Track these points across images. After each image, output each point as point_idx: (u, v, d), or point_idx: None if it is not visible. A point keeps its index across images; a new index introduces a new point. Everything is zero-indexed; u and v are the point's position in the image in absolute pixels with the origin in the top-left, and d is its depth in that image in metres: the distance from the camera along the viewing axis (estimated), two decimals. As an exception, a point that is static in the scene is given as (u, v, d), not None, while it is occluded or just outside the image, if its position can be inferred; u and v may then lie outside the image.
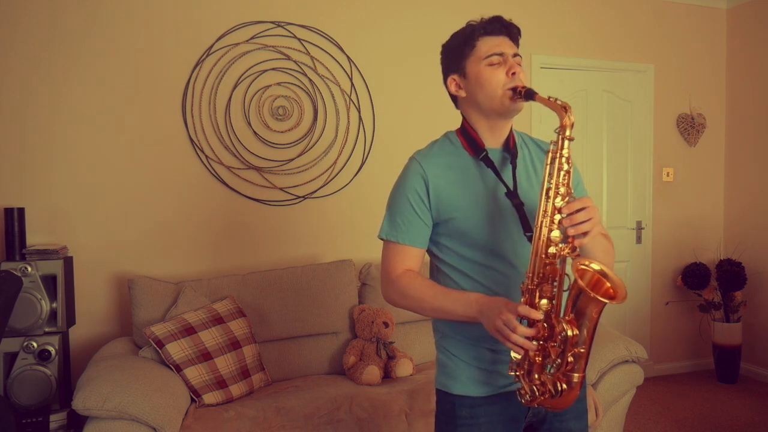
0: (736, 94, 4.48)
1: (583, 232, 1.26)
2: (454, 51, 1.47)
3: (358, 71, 3.52)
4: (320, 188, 3.47)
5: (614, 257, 1.51)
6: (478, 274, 1.43)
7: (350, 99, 3.52)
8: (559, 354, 1.28)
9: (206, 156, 3.26)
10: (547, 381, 1.30)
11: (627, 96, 4.29)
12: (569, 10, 4.07)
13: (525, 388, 1.31)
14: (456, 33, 1.49)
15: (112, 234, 3.11)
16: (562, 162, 1.31)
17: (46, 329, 2.72)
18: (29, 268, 2.69)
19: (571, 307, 1.28)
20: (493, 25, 1.44)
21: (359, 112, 3.55)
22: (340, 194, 3.52)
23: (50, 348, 2.70)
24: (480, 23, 1.45)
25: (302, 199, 3.44)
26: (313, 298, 3.01)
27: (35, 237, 2.97)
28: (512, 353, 1.32)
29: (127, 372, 2.30)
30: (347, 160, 3.53)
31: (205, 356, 2.61)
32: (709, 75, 4.50)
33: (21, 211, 2.83)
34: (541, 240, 1.30)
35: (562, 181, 1.30)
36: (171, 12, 3.19)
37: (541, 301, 1.29)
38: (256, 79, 3.32)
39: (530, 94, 1.38)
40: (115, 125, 3.11)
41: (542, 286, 1.30)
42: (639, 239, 4.34)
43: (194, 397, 2.53)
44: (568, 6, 4.07)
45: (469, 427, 1.44)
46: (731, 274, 4.13)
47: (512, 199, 1.41)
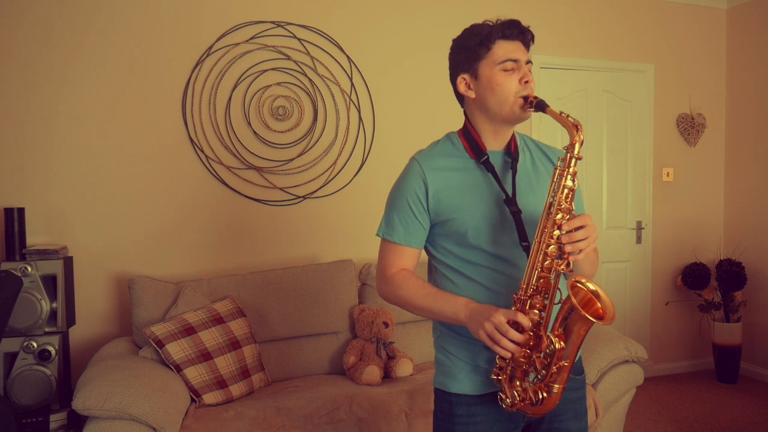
0: (736, 94, 4.48)
1: (579, 249, 1.30)
2: (468, 50, 1.44)
3: (358, 71, 3.52)
4: (320, 188, 3.47)
5: (598, 267, 1.54)
6: (475, 273, 1.44)
7: (350, 99, 3.52)
8: (544, 365, 1.32)
9: (206, 156, 3.26)
10: (529, 389, 1.34)
11: (627, 96, 4.29)
12: (569, 10, 4.07)
13: (506, 393, 1.35)
14: (470, 31, 1.46)
15: (112, 234, 3.11)
16: (568, 179, 1.33)
17: (46, 329, 2.72)
18: (29, 268, 2.69)
19: (561, 322, 1.33)
20: (510, 29, 1.42)
21: (359, 112, 3.55)
22: (340, 194, 3.52)
23: (50, 348, 2.70)
24: (498, 26, 1.42)
25: (302, 199, 3.44)
26: (313, 298, 3.01)
27: (35, 237, 2.97)
28: (497, 358, 1.35)
29: (127, 372, 2.30)
30: (347, 160, 3.53)
31: (205, 356, 2.61)
32: (709, 75, 4.50)
33: (21, 211, 2.83)
34: (538, 254, 1.33)
35: (565, 198, 1.33)
36: (171, 12, 3.19)
37: (532, 312, 1.33)
38: (256, 79, 3.32)
39: (541, 106, 1.38)
40: (115, 125, 3.11)
41: (534, 298, 1.33)
42: (639, 239, 4.34)
43: (194, 397, 2.53)
44: (568, 6, 4.07)
45: (466, 425, 1.45)
46: (731, 274, 4.13)
47: (510, 207, 1.42)
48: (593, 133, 4.21)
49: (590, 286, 1.34)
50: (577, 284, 1.33)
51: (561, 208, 1.32)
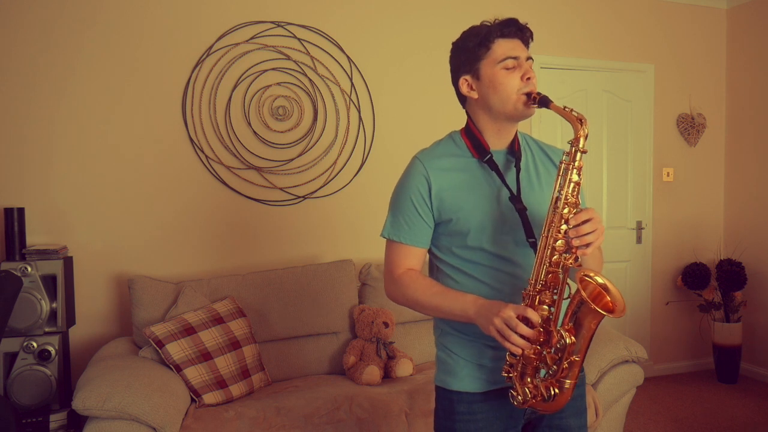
0: (736, 94, 4.48)
1: (586, 243, 1.29)
2: (468, 52, 1.44)
3: (358, 71, 3.52)
4: (320, 188, 3.47)
5: (602, 265, 1.55)
6: (478, 273, 1.44)
7: (350, 99, 3.52)
8: (555, 360, 1.31)
9: (206, 156, 3.26)
10: (540, 385, 1.33)
11: (627, 96, 4.29)
12: (569, 10, 4.07)
13: (517, 390, 1.34)
14: (469, 33, 1.46)
15: (112, 234, 3.11)
16: (574, 174, 1.33)
17: (46, 329, 2.72)
18: (29, 268, 2.69)
19: (570, 316, 1.32)
20: (508, 27, 1.42)
21: (359, 112, 3.55)
22: (340, 194, 3.52)
23: (50, 348, 2.70)
24: (495, 25, 1.42)
25: (302, 199, 3.44)
26: (313, 298, 3.01)
27: (35, 237, 2.96)
28: (508, 354, 1.35)
29: (127, 372, 2.30)
30: (347, 160, 3.53)
31: (205, 356, 2.61)
32: (709, 75, 4.50)
33: (21, 211, 2.83)
34: (546, 249, 1.33)
35: (572, 192, 1.33)
36: (171, 12, 3.19)
37: (541, 307, 1.32)
38: (256, 79, 3.32)
39: (545, 102, 1.38)
40: (115, 125, 3.11)
41: (543, 293, 1.33)
42: (639, 239, 4.34)
43: (194, 397, 2.53)
44: (568, 6, 4.07)
45: (467, 422, 1.45)
46: (731, 274, 4.13)
47: (515, 204, 1.42)
48: (593, 134, 4.21)
49: (599, 280, 1.33)
50: (586, 278, 1.32)
51: (568, 203, 1.32)
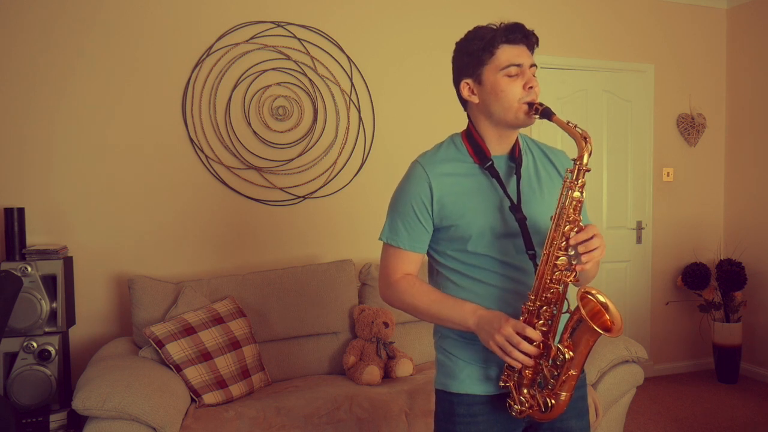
0: (736, 94, 4.48)
1: (591, 258, 1.32)
2: (471, 55, 1.42)
3: (358, 71, 3.52)
4: (320, 188, 3.47)
5: (597, 272, 1.57)
6: (480, 275, 1.44)
7: (350, 99, 3.52)
8: (553, 374, 1.34)
9: (206, 156, 3.26)
10: (537, 396, 1.36)
11: (627, 96, 4.29)
12: (569, 10, 4.07)
13: (515, 400, 1.37)
14: (474, 35, 1.43)
15: (112, 234, 3.11)
16: (576, 191, 1.34)
17: (46, 329, 2.72)
18: (29, 268, 2.69)
19: (569, 332, 1.34)
20: (514, 33, 1.39)
21: (359, 112, 3.55)
22: (340, 194, 3.52)
23: (50, 348, 2.70)
24: (501, 30, 1.40)
25: (302, 199, 3.44)
26: (313, 298, 3.01)
27: (35, 237, 2.96)
28: (505, 366, 1.38)
29: (127, 372, 2.30)
30: (347, 160, 3.53)
31: (205, 356, 2.61)
32: (709, 75, 4.50)
33: (21, 211, 2.83)
34: (548, 265, 1.34)
35: (574, 209, 1.34)
36: (171, 12, 3.19)
37: (539, 322, 1.34)
38: (256, 79, 3.32)
39: (547, 114, 1.37)
40: (115, 125, 3.11)
41: (542, 308, 1.35)
42: (639, 239, 4.34)
43: (194, 397, 2.53)
44: (568, 6, 4.07)
45: (467, 425, 1.45)
46: (731, 274, 4.13)
47: (516, 213, 1.42)
48: (593, 134, 4.13)
49: (600, 299, 1.35)
50: (588, 295, 1.34)
51: (569, 220, 1.33)
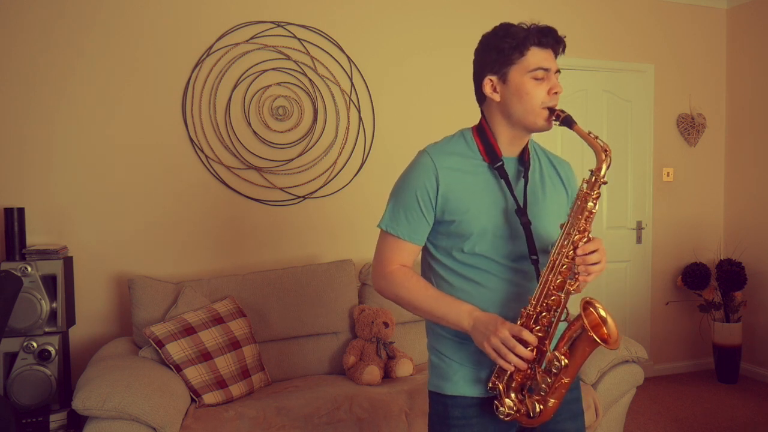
0: (736, 94, 4.48)
1: (590, 272, 1.32)
2: (500, 53, 1.40)
3: (358, 71, 3.52)
4: (320, 188, 3.47)
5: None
6: (477, 277, 1.43)
7: (350, 99, 3.52)
8: (545, 380, 1.34)
9: (206, 156, 3.26)
10: (527, 401, 1.36)
11: (627, 96, 4.29)
12: (569, 10, 4.07)
13: (502, 403, 1.36)
14: (505, 33, 1.41)
15: (112, 234, 3.11)
16: (590, 203, 1.34)
17: (46, 329, 2.72)
18: (29, 268, 2.69)
19: (567, 340, 1.35)
20: (547, 37, 1.39)
21: (359, 112, 3.55)
22: (340, 194, 3.52)
23: (50, 348, 2.70)
24: (534, 31, 1.39)
25: (302, 199, 3.44)
26: (313, 298, 3.01)
27: (35, 237, 2.96)
28: (497, 368, 1.37)
29: (127, 372, 2.30)
30: (347, 160, 3.53)
31: (205, 356, 2.61)
32: (709, 75, 4.50)
33: (21, 211, 2.83)
34: (553, 272, 1.34)
35: (585, 219, 1.34)
36: (171, 12, 3.19)
37: (536, 328, 1.34)
38: (256, 79, 3.32)
39: (568, 122, 1.37)
40: (115, 125, 3.11)
41: (542, 314, 1.35)
42: (639, 239, 4.34)
43: (194, 397, 2.53)
44: (568, 6, 4.07)
45: (461, 427, 1.44)
46: (731, 274, 4.13)
47: (521, 217, 1.41)
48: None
49: (601, 313, 1.36)
50: (590, 307, 1.35)
51: (579, 230, 1.34)
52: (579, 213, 1.34)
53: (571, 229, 1.34)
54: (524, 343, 1.31)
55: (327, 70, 3.46)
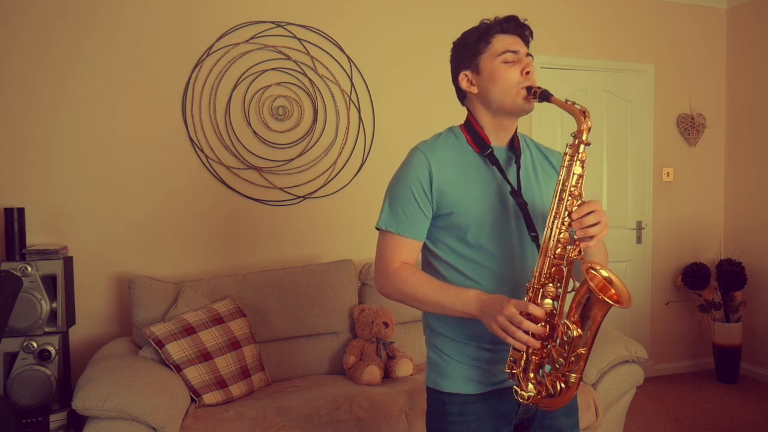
0: (736, 94, 4.48)
1: (590, 235, 1.28)
2: (468, 47, 1.46)
3: (358, 71, 3.52)
4: (320, 188, 3.47)
5: (608, 260, 1.53)
6: (476, 272, 1.42)
7: (350, 99, 3.52)
8: (561, 354, 1.29)
9: (206, 156, 3.26)
10: (546, 381, 1.31)
11: (627, 96, 4.29)
12: (569, 10, 4.07)
13: (522, 386, 1.31)
14: (469, 30, 1.48)
15: (112, 234, 3.11)
16: (577, 166, 1.33)
17: (46, 329, 2.72)
18: (29, 268, 2.69)
19: (576, 308, 1.29)
20: (508, 23, 1.43)
21: (359, 112, 3.55)
22: (340, 194, 3.52)
23: (50, 348, 2.70)
24: (495, 21, 1.44)
25: (302, 199, 3.44)
26: (313, 298, 3.01)
27: (35, 237, 2.97)
28: (511, 351, 1.32)
29: (127, 372, 2.30)
30: (347, 160, 3.53)
31: (205, 356, 2.61)
32: (709, 75, 4.50)
33: (21, 211, 2.83)
34: (551, 241, 1.31)
35: (575, 183, 1.33)
36: (171, 12, 3.19)
37: (544, 301, 1.30)
38: (256, 79, 3.32)
39: (545, 96, 1.37)
40: (115, 125, 3.11)
41: (546, 286, 1.31)
42: (639, 239, 4.34)
43: (194, 397, 2.53)
44: (568, 6, 4.07)
45: (459, 424, 1.44)
46: (731, 274, 4.13)
47: (516, 199, 1.41)
48: (593, 133, 4.18)
49: (603, 273, 1.31)
50: (592, 270, 1.30)
51: (572, 194, 1.32)
52: (567, 178, 1.33)
53: (563, 194, 1.32)
54: (533, 319, 1.26)
55: (327, 70, 3.46)
